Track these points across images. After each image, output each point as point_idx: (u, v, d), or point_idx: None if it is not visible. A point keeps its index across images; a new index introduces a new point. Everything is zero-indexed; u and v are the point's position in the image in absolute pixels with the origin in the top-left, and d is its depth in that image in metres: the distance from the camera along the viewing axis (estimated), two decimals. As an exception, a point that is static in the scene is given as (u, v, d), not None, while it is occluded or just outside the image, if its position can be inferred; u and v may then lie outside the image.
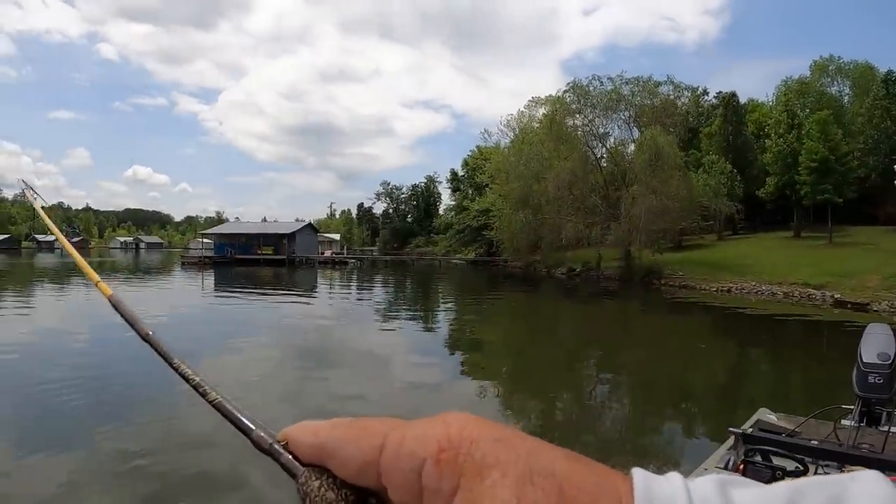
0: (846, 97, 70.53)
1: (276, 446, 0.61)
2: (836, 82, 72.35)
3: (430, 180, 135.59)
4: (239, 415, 0.67)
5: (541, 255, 64.31)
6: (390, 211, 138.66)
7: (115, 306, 0.90)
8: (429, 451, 0.50)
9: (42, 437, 9.68)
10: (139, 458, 8.74)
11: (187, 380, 0.74)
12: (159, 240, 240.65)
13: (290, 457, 0.60)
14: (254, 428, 0.64)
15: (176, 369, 0.75)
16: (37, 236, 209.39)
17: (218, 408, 0.69)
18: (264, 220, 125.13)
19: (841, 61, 71.85)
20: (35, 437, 9.78)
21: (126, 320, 0.86)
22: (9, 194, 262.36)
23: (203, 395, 0.71)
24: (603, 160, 63.05)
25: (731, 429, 5.04)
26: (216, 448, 8.94)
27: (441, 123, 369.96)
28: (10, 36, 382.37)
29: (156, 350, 0.79)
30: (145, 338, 0.83)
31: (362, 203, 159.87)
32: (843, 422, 5.75)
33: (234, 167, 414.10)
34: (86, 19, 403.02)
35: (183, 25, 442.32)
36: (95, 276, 1.06)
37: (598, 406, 13.68)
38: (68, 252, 1.12)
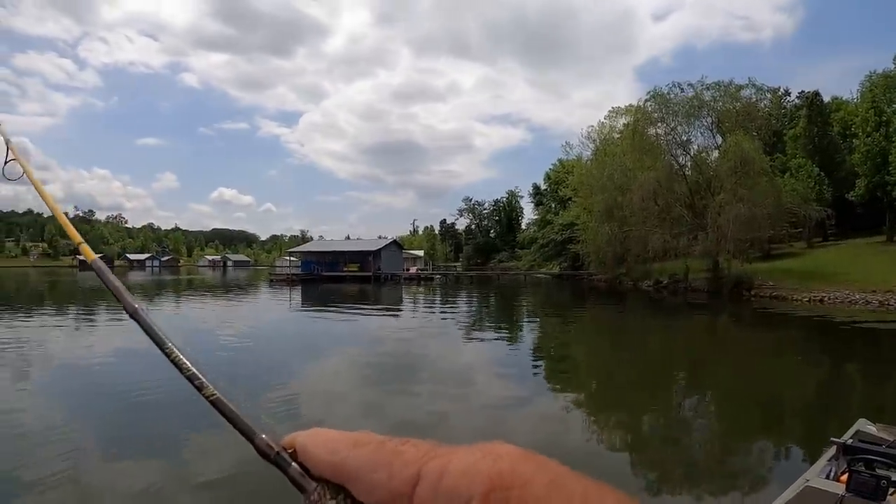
0: None
1: (284, 455, 0.56)
2: None
3: (512, 195, 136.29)
4: (241, 416, 0.61)
5: (627, 268, 64.17)
6: (473, 227, 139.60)
7: (98, 273, 0.85)
8: (475, 489, 0.45)
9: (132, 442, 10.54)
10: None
11: (180, 368, 0.65)
12: (246, 258, 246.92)
13: (299, 469, 0.54)
14: (257, 432, 0.58)
15: (168, 355, 0.66)
16: (128, 255, 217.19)
17: (216, 405, 0.62)
18: (347, 237, 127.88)
19: None
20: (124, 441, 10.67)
21: (111, 291, 0.79)
22: (101, 216, 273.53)
23: (198, 388, 0.63)
24: (687, 169, 62.37)
25: (832, 439, 5.17)
26: None
27: (519, 138, 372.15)
28: (97, 69, 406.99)
29: (143, 328, 0.70)
30: (132, 314, 0.75)
31: (444, 219, 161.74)
32: None
33: (316, 187, 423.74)
34: (167, 51, 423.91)
35: (261, 53, 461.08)
36: (78, 237, 1.07)
37: (690, 422, 13.70)
38: (53, 213, 1.23)
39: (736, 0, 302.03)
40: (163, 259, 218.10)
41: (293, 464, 0.56)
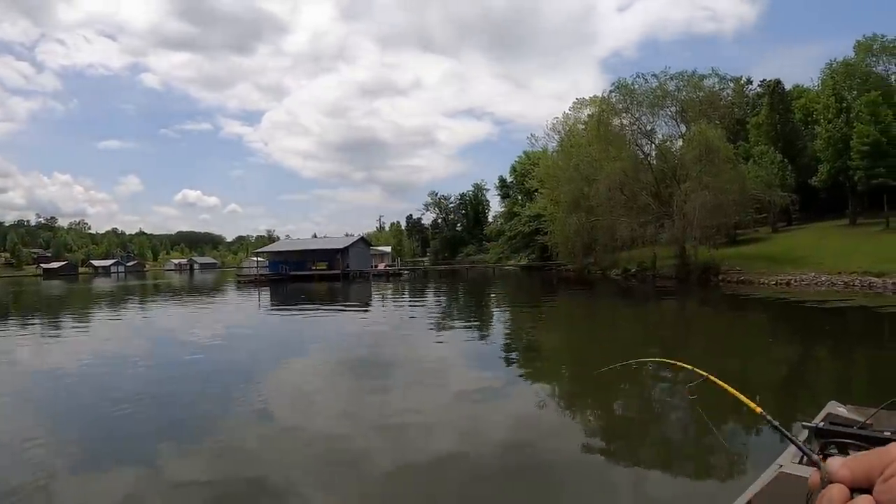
0: (893, 76, 68.76)
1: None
2: (881, 61, 69.84)
3: (478, 188, 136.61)
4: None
5: (595, 258, 64.53)
6: (439, 221, 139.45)
7: None
8: None
9: (104, 452, 10.12)
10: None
11: None
12: (213, 260, 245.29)
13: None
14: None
15: None
16: (93, 261, 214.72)
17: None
18: (314, 236, 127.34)
19: (885, 39, 69.49)
20: (97, 451, 10.24)
21: None
22: (64, 222, 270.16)
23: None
24: (652, 158, 62.78)
25: (803, 424, 5.00)
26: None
27: (484, 131, 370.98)
28: (55, 71, 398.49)
29: None
30: None
31: (411, 215, 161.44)
32: None
33: (282, 186, 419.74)
34: (127, 51, 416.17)
35: (222, 51, 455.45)
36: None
37: (663, 408, 13.66)
38: None
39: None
40: (128, 264, 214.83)
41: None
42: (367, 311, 39.60)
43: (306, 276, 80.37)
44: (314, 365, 18.93)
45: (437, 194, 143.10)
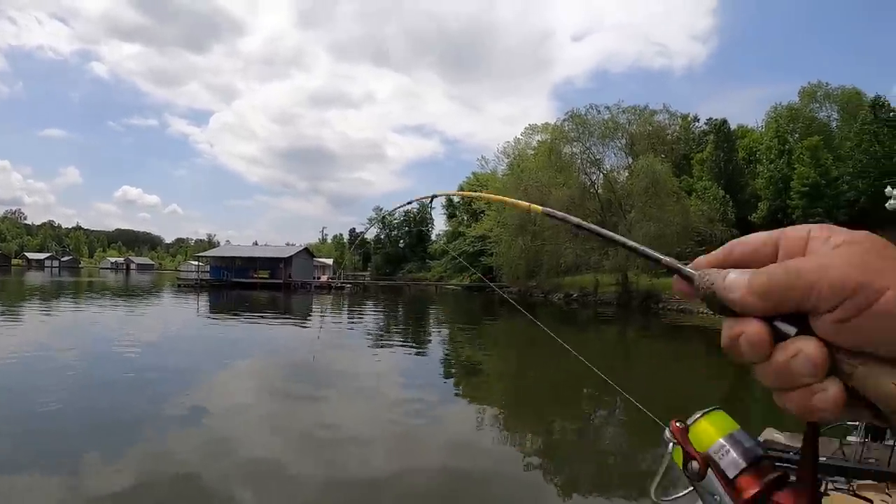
0: (834, 122, 71.97)
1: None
2: (824, 108, 73.69)
3: (423, 206, 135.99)
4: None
5: (538, 281, 65.11)
6: (382, 236, 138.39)
7: None
8: None
9: (29, 454, 9.68)
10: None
11: None
12: (150, 261, 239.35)
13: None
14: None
15: None
16: (27, 254, 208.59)
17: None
18: (256, 243, 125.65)
19: (829, 87, 73.11)
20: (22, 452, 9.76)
21: None
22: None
23: None
24: (598, 187, 64.16)
25: None
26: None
27: (432, 149, 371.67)
28: (3, 51, 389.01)
29: None
30: None
31: (354, 228, 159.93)
32: (849, 438, 6.02)
33: (225, 190, 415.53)
34: (79, 37, 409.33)
35: (175, 46, 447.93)
36: None
37: (599, 432, 13.87)
38: None
39: (653, 26, 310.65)
40: (63, 259, 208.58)
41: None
42: (308, 322, 39.05)
43: (248, 284, 78.64)
44: (249, 376, 18.52)
45: (381, 209, 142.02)
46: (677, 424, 0.77)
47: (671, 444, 0.84)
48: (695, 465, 0.79)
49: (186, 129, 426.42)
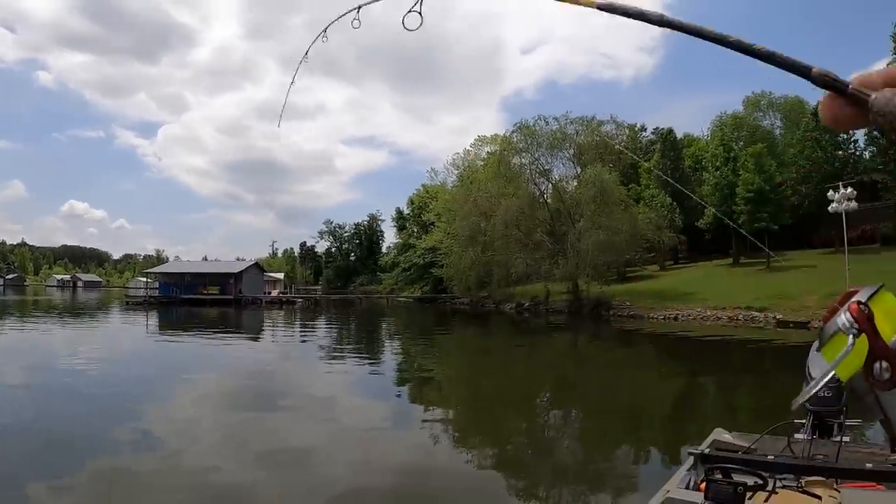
0: (778, 130, 73.93)
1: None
2: (767, 116, 75.96)
3: (373, 218, 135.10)
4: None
5: (489, 291, 65.09)
6: (333, 250, 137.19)
7: None
8: None
9: None
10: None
11: None
12: (97, 278, 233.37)
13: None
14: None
15: None
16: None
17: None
18: (205, 259, 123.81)
19: (772, 96, 75.18)
20: None
21: None
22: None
23: None
24: (547, 196, 64.33)
25: (689, 450, 5.14)
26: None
27: (382, 161, 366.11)
28: None
29: None
30: None
31: (305, 242, 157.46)
32: (797, 436, 5.93)
33: (174, 204, 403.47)
34: (24, 45, 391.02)
35: (125, 56, 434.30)
36: None
37: (555, 438, 13.68)
38: None
39: (602, 38, 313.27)
40: (8, 277, 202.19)
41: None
42: (260, 338, 38.34)
43: (198, 301, 77.03)
44: (201, 394, 17.68)
45: (332, 222, 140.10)
46: (857, 304, 0.69)
47: (852, 336, 0.63)
48: (884, 366, 0.60)
49: (134, 141, 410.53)
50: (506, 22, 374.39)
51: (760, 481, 4.10)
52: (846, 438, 5.67)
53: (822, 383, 0.77)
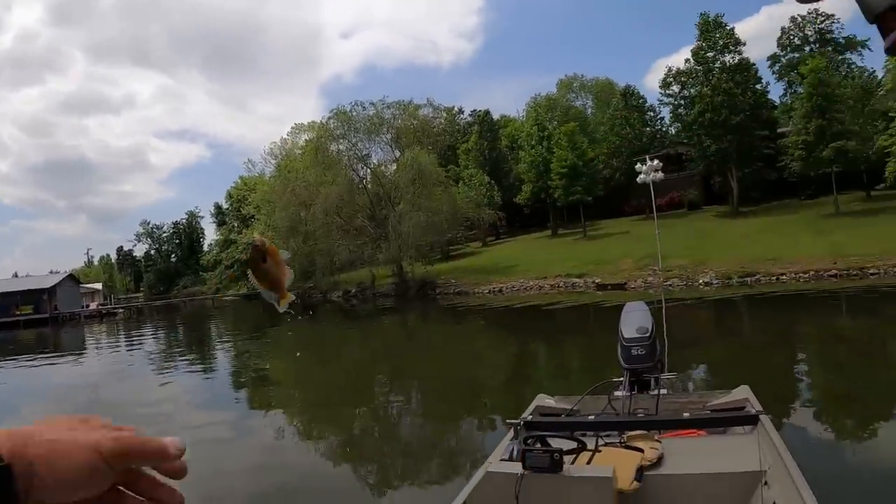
0: (590, 109, 78.33)
1: None
2: (580, 97, 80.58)
3: (192, 216, 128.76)
4: None
5: (315, 282, 64.04)
6: (152, 252, 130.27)
7: None
8: None
9: None
10: None
11: None
12: None
13: None
14: None
15: None
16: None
17: None
18: (15, 275, 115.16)
19: (584, 78, 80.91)
20: None
21: None
22: None
23: None
24: (367, 181, 63.93)
25: (509, 420, 5.19)
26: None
27: (199, 154, 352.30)
28: None
29: None
30: None
31: (121, 246, 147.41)
32: (616, 393, 6.15)
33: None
34: None
35: None
36: None
37: (391, 419, 13.54)
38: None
39: (422, 24, 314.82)
40: None
41: None
42: (83, 358, 35.24)
43: (10, 324, 69.62)
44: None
45: (149, 223, 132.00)
46: None
47: None
48: None
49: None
50: (324, 6, 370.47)
51: (579, 443, 4.27)
52: (664, 391, 6.00)
53: None
